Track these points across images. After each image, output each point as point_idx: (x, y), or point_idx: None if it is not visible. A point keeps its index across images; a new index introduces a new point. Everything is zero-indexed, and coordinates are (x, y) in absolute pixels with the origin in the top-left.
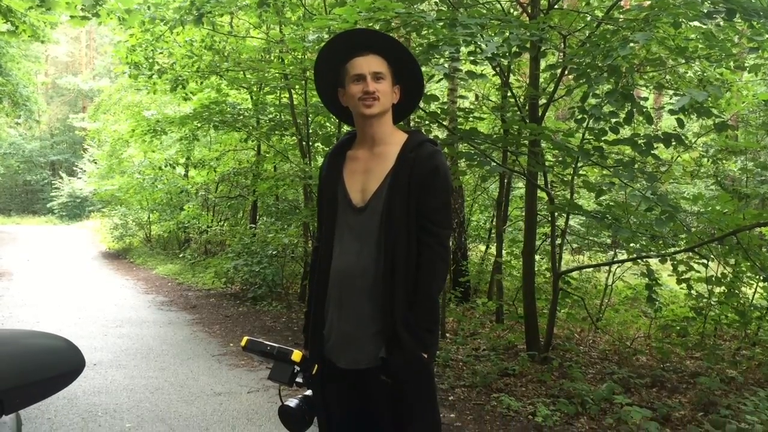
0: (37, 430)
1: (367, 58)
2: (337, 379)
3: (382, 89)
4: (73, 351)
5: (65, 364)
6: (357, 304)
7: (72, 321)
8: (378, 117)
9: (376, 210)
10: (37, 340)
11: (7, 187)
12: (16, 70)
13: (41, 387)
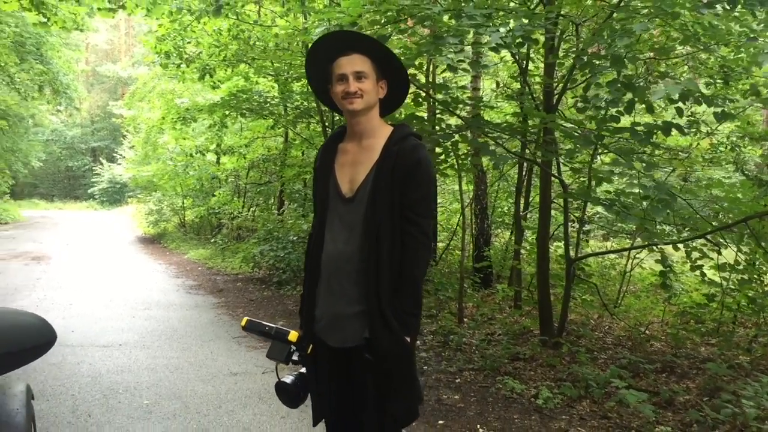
0: (61, 406)
1: (350, 58)
2: (327, 357)
3: (364, 87)
4: (44, 327)
5: (37, 338)
6: (344, 287)
7: (103, 303)
8: (363, 113)
9: (362, 200)
10: (11, 317)
11: (50, 173)
12: (57, 59)
13: (15, 357)
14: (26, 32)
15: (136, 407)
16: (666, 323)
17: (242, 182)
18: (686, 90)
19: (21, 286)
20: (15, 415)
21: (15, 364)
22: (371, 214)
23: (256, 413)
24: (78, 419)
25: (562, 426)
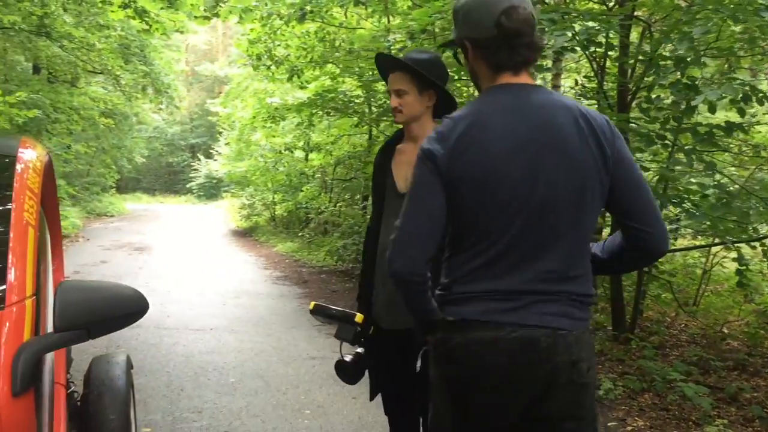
0: (157, 381)
1: (394, 76)
2: (382, 338)
3: (404, 102)
4: (140, 298)
5: (133, 306)
6: None
7: (197, 292)
8: (410, 121)
9: None
10: (115, 289)
11: (152, 168)
12: (159, 60)
13: (116, 321)
14: (131, 36)
15: (223, 384)
16: (745, 323)
17: (328, 178)
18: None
19: (124, 274)
20: (117, 380)
21: (117, 326)
22: None
23: (330, 393)
24: (172, 393)
25: (620, 416)
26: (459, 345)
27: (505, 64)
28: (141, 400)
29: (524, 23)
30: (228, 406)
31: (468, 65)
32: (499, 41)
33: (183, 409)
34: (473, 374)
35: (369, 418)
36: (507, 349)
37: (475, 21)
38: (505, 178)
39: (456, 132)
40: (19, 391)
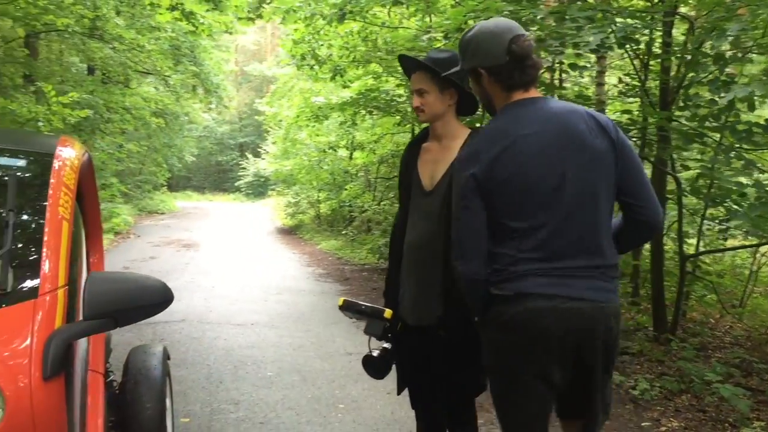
0: (198, 373)
1: (415, 77)
2: (408, 334)
3: (426, 102)
4: (166, 289)
5: (159, 297)
6: (422, 272)
7: (240, 288)
8: (434, 120)
9: (440, 193)
10: (141, 280)
11: (202, 167)
12: (208, 60)
13: (142, 311)
14: (182, 37)
15: (261, 377)
16: None
17: (372, 177)
18: None
19: (172, 269)
20: (153, 369)
21: (142, 315)
22: (447, 206)
23: (364, 388)
24: (211, 384)
25: (655, 416)
26: (516, 314)
27: (517, 84)
28: (181, 392)
29: (529, 48)
30: (264, 399)
31: (479, 89)
32: (511, 66)
33: (221, 400)
34: (529, 338)
35: (401, 413)
36: (559, 317)
37: (486, 51)
38: (540, 178)
39: (487, 149)
40: (50, 375)
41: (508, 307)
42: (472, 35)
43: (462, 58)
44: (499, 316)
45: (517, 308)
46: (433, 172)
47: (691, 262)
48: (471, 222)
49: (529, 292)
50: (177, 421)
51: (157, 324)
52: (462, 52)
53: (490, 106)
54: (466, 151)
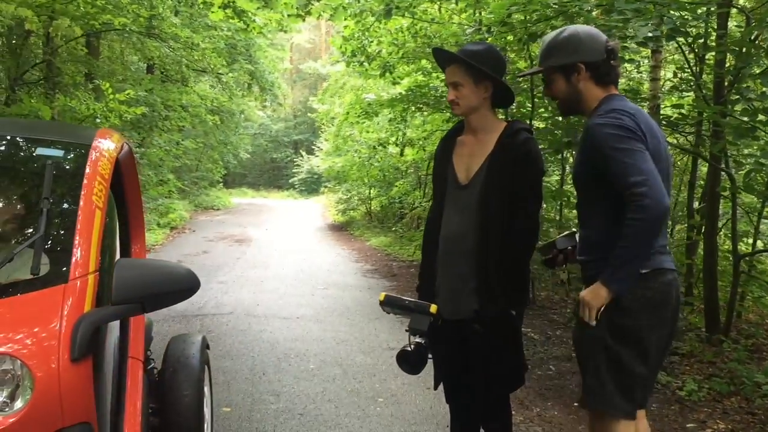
0: (243, 364)
1: (450, 70)
2: (444, 328)
3: (461, 95)
4: (192, 276)
5: (185, 284)
6: (457, 265)
7: (289, 282)
8: (469, 113)
9: (476, 187)
10: (168, 267)
11: (257, 164)
12: (264, 59)
13: (168, 297)
14: (237, 36)
15: (303, 370)
16: None
17: (422, 173)
18: None
19: (223, 264)
20: (191, 358)
21: (169, 301)
22: (483, 200)
23: (404, 383)
24: (254, 376)
25: (701, 417)
26: (654, 288)
27: (612, 79)
28: (225, 382)
29: (619, 49)
30: (305, 391)
31: (566, 86)
32: (606, 62)
33: (262, 392)
34: (668, 307)
35: (440, 408)
36: (677, 287)
37: (590, 47)
38: (665, 159)
39: (638, 118)
40: (77, 357)
41: (647, 282)
42: (571, 34)
43: (556, 55)
44: (633, 291)
45: (654, 283)
46: (468, 165)
47: (746, 262)
48: (646, 156)
49: (661, 268)
50: (218, 410)
51: (205, 316)
52: (554, 51)
53: (574, 104)
54: (612, 116)
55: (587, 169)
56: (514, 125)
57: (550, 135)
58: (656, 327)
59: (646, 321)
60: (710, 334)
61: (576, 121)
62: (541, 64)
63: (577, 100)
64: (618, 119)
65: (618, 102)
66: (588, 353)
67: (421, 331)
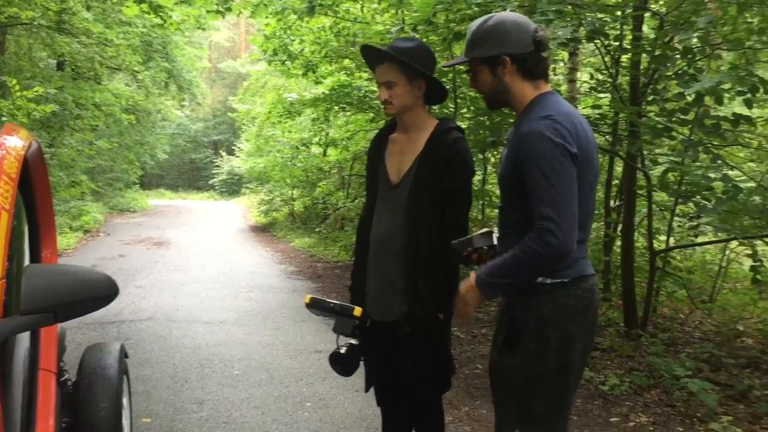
0: (163, 372)
1: (381, 69)
2: (374, 330)
3: (394, 94)
4: (110, 282)
5: (102, 290)
6: (387, 266)
7: (211, 285)
8: (402, 112)
9: (406, 187)
10: (83, 273)
11: (175, 165)
12: (181, 57)
13: (84, 305)
14: (154, 33)
15: (227, 376)
16: (761, 320)
17: (346, 174)
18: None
19: (141, 267)
20: (109, 368)
21: (84, 310)
22: (413, 200)
23: (332, 386)
24: (176, 384)
25: (624, 411)
26: (577, 295)
27: (541, 73)
28: (144, 391)
29: (548, 40)
30: (230, 398)
31: (492, 79)
32: (535, 54)
33: (185, 400)
34: (589, 314)
35: (369, 411)
36: (597, 291)
37: (516, 38)
38: (592, 170)
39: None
40: None
41: (568, 290)
42: (496, 23)
43: (477, 47)
44: (557, 300)
45: (576, 290)
46: (399, 164)
47: (661, 258)
48: (572, 187)
49: (583, 275)
50: (138, 421)
51: (122, 323)
52: (479, 41)
53: (501, 97)
54: (549, 124)
55: (513, 173)
56: (444, 124)
57: (474, 135)
58: (580, 335)
59: (570, 331)
60: (629, 328)
61: (500, 120)
62: (466, 55)
63: (504, 93)
64: (553, 128)
65: (553, 105)
66: (509, 378)
67: (345, 334)
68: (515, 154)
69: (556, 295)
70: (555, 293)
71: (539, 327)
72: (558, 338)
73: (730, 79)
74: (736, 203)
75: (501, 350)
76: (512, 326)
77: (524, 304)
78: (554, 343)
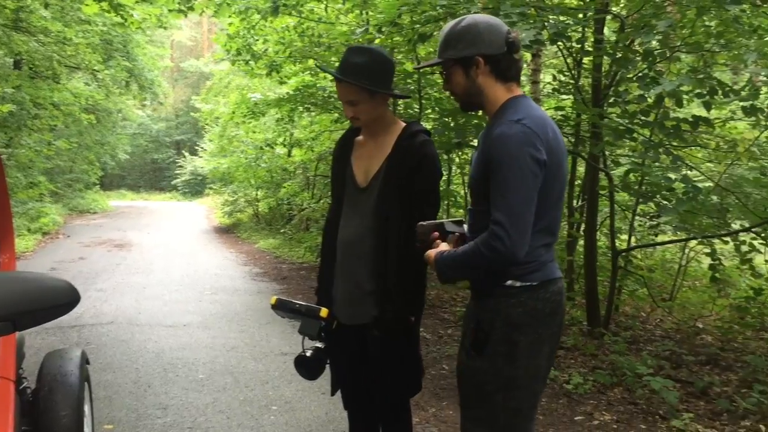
0: (125, 377)
1: (340, 87)
2: (342, 333)
3: (358, 110)
4: (71, 289)
5: (63, 298)
6: (356, 269)
7: (174, 288)
8: (371, 122)
9: (374, 190)
10: (42, 280)
11: (136, 165)
12: (142, 56)
13: (44, 313)
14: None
15: (192, 380)
16: (719, 317)
17: (310, 174)
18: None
19: (101, 270)
20: (70, 375)
21: (44, 318)
22: (381, 203)
23: (298, 389)
24: (139, 389)
25: (588, 410)
26: (546, 298)
27: (513, 75)
28: (107, 397)
29: (520, 43)
30: (194, 403)
31: (465, 81)
32: (507, 56)
33: (148, 405)
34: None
35: (336, 413)
36: (564, 294)
37: (489, 39)
38: (561, 175)
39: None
40: None
41: (536, 293)
42: (469, 24)
43: (450, 48)
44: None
45: (544, 294)
46: (367, 167)
47: (623, 257)
48: (532, 195)
49: (550, 278)
50: (100, 428)
51: (83, 327)
52: (452, 42)
53: (474, 99)
54: (519, 128)
55: (483, 176)
56: (411, 127)
57: (440, 136)
58: (548, 338)
59: (539, 334)
60: (592, 327)
61: (465, 121)
62: (440, 56)
63: (477, 95)
64: (523, 133)
65: (525, 108)
66: (477, 381)
67: (311, 336)
68: (485, 156)
69: (524, 299)
70: (523, 296)
71: (508, 330)
72: (527, 342)
73: (690, 82)
74: (695, 203)
75: (469, 353)
76: (480, 329)
77: (492, 307)
78: (523, 346)
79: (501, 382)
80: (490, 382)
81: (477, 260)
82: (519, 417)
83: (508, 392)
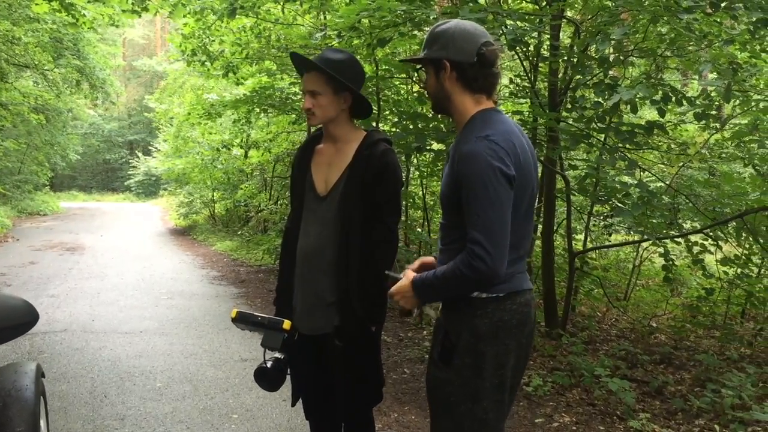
0: (80, 387)
1: (309, 77)
2: (303, 344)
3: (318, 104)
4: (27, 308)
5: (20, 317)
6: (316, 279)
7: (129, 293)
8: (327, 122)
9: (335, 199)
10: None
11: (88, 166)
12: (93, 54)
13: (1, 333)
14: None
15: (150, 389)
16: (672, 316)
17: (268, 176)
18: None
19: (53, 275)
20: (25, 390)
21: (2, 339)
22: (342, 212)
23: (259, 397)
24: (95, 399)
25: (548, 412)
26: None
27: (480, 88)
28: (61, 408)
29: (496, 57)
30: (153, 413)
31: (434, 83)
32: (476, 68)
33: (105, 416)
34: (525, 329)
35: (297, 421)
36: (534, 305)
37: (459, 46)
38: (530, 188)
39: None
40: None
41: (504, 304)
42: (446, 28)
43: (427, 47)
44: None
45: (511, 305)
46: (327, 176)
47: (579, 258)
48: (506, 211)
49: (518, 290)
50: None
51: (35, 335)
52: (430, 42)
53: (443, 103)
54: (486, 145)
55: (453, 191)
56: (373, 135)
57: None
58: (515, 349)
59: (506, 345)
60: (550, 328)
61: (424, 126)
62: (420, 54)
63: (445, 99)
64: (491, 149)
65: (493, 123)
66: (444, 392)
67: (275, 348)
68: (455, 172)
69: (491, 310)
70: (490, 307)
71: (474, 341)
72: (493, 353)
73: (647, 91)
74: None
75: (437, 364)
76: (447, 339)
77: (459, 318)
78: (489, 357)
79: (467, 393)
80: (457, 392)
81: (458, 281)
82: (486, 428)
83: (475, 403)
